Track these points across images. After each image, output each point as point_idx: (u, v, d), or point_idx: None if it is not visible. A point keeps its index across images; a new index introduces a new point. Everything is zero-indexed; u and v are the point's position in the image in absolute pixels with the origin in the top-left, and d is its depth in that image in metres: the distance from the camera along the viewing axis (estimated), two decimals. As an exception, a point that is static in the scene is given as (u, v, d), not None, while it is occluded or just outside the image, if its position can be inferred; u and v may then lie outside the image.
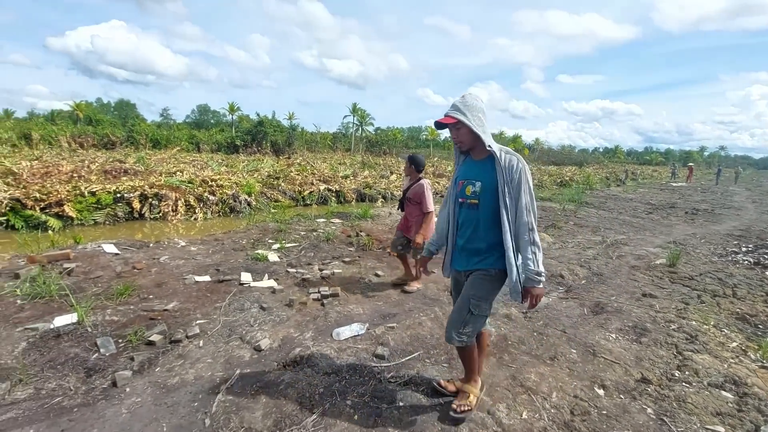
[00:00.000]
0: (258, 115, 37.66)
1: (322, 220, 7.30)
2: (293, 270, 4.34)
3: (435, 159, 34.87)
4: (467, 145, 1.93)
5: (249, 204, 12.67)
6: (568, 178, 27.38)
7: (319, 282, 4.05)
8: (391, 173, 21.10)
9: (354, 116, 56.99)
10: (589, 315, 3.72)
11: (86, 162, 14.11)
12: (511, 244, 1.85)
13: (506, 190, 1.82)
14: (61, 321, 2.87)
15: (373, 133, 59.91)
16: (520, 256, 1.87)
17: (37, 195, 9.70)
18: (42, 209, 9.50)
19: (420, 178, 3.78)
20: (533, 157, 47.34)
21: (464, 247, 1.99)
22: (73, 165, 13.44)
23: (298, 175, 16.61)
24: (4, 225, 9.02)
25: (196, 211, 11.37)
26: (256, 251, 4.89)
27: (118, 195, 10.71)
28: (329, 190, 15.56)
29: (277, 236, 5.77)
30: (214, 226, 10.89)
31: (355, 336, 2.90)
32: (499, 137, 59.03)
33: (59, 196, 9.86)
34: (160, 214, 10.87)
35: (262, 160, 23.17)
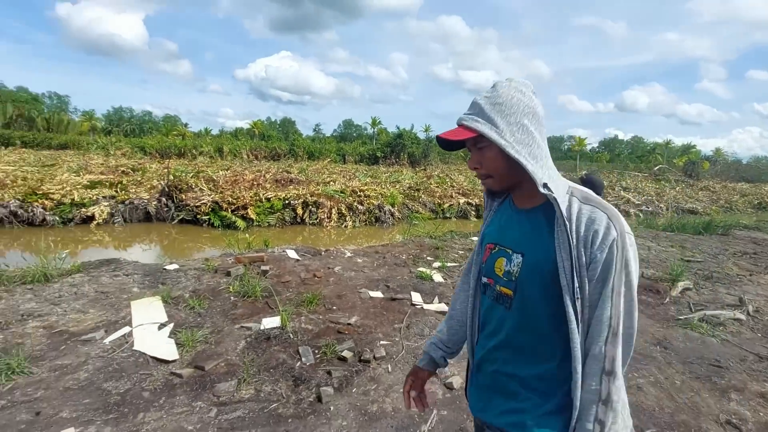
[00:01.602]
0: (398, 128, 39.56)
1: (477, 238, 6.96)
2: (462, 294, 4.12)
3: (583, 173, 31.24)
4: (501, 182, 0.99)
5: (392, 215, 13.16)
6: (773, 200, 21.39)
7: (493, 312, 3.74)
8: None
9: (490, 127, 55.23)
10: None
11: (262, 172, 16.59)
12: (579, 378, 0.89)
13: (575, 280, 0.86)
14: (268, 323, 3.18)
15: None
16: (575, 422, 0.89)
17: (230, 199, 11.71)
18: (232, 211, 11.42)
19: None
20: (714, 171, 38.32)
21: (489, 370, 1.06)
22: (253, 174, 15.96)
23: (437, 187, 16.70)
24: (207, 223, 11.11)
25: (347, 218, 12.28)
26: (419, 268, 4.84)
27: (287, 201, 12.25)
28: (469, 203, 15.20)
29: (436, 254, 5.67)
30: (361, 234, 11.58)
31: (557, 390, 2.49)
32: (665, 146, 49.44)
33: (245, 201, 11.73)
34: (317, 220, 12.03)
35: (401, 171, 24.04)
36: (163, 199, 11.68)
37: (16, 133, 34.16)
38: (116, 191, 11.82)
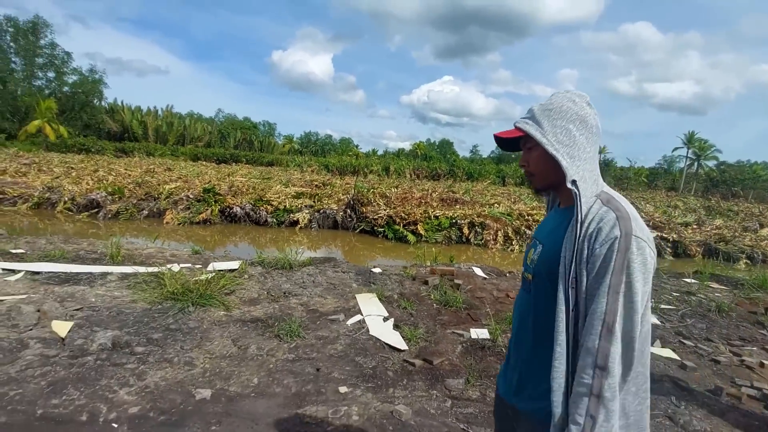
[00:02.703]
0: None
1: (692, 281, 5.89)
2: (690, 343, 3.56)
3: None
4: (542, 180, 1.09)
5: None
6: None
7: (739, 369, 3.11)
8: (761, 226, 15.33)
9: (688, 148, 45.81)
10: None
11: (429, 190, 17.52)
12: (564, 378, 0.91)
13: (572, 270, 0.91)
14: (477, 333, 3.37)
15: (715, 168, 46.28)
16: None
17: (402, 214, 12.72)
18: (404, 226, 12.37)
19: None
20: None
21: (514, 354, 1.15)
22: (421, 193, 17.01)
23: (619, 216, 14.73)
24: (381, 234, 12.29)
25: (513, 242, 11.90)
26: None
27: (453, 220, 12.63)
28: (663, 238, 12.90)
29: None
30: (528, 260, 11.03)
31: None
32: None
33: (415, 217, 12.57)
34: (482, 241, 12.01)
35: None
36: (348, 210, 13.45)
37: (242, 153, 44.37)
38: (314, 202, 14.17)
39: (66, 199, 12.17)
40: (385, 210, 13.09)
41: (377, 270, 5.23)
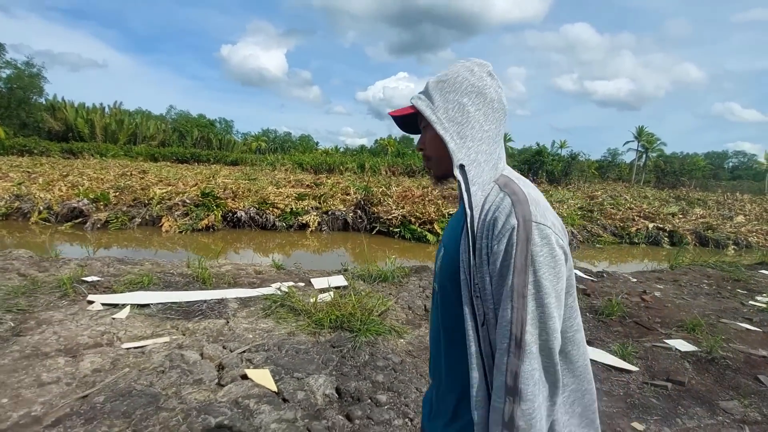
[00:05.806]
0: (538, 144, 38.12)
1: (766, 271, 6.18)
2: None
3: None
4: (439, 166, 0.90)
5: (574, 236, 12.53)
6: None
7: None
8: (734, 213, 16.78)
9: (638, 141, 49.48)
10: None
11: (429, 188, 17.34)
12: (483, 386, 0.75)
13: (473, 275, 0.75)
14: (680, 345, 3.18)
15: (660, 160, 50.45)
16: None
17: (417, 214, 12.44)
18: (419, 225, 12.10)
19: None
20: None
21: (434, 378, 0.97)
22: (421, 191, 16.81)
23: (613, 209, 15.45)
24: (398, 235, 11.94)
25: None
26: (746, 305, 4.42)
27: (468, 218, 12.56)
28: (659, 228, 13.68)
29: (743, 286, 5.15)
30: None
31: None
32: None
33: (430, 216, 12.35)
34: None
35: (549, 191, 22.87)
36: (358, 211, 12.94)
37: (202, 152, 41.76)
38: (319, 203, 13.49)
39: (41, 208, 10.65)
40: (397, 210, 12.74)
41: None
